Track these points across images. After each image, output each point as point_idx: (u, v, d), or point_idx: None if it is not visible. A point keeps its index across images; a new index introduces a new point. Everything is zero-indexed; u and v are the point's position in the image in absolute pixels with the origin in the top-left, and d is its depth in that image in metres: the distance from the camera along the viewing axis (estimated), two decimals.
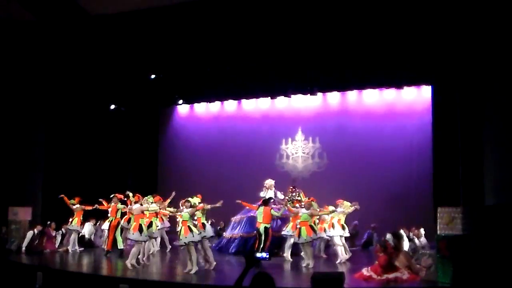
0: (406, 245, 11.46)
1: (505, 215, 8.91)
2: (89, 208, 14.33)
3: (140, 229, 11.00)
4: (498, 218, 8.86)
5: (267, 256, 4.54)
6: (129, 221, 12.22)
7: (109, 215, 13.58)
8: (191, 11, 13.70)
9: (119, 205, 13.21)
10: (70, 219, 14.23)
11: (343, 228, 12.54)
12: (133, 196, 11.93)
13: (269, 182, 14.14)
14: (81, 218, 14.35)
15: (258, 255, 4.53)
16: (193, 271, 10.24)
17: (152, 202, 11.95)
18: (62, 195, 14.16)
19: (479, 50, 11.99)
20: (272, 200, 13.51)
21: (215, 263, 10.94)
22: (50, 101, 16.98)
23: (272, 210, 12.22)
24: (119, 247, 13.18)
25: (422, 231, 13.21)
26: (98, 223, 15.49)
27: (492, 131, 11.65)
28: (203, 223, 11.61)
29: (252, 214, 14.09)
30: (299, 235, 11.50)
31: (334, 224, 12.40)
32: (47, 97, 16.92)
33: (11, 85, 16.33)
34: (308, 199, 12.81)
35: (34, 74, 16.45)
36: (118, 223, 13.14)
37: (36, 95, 16.74)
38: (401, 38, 13.54)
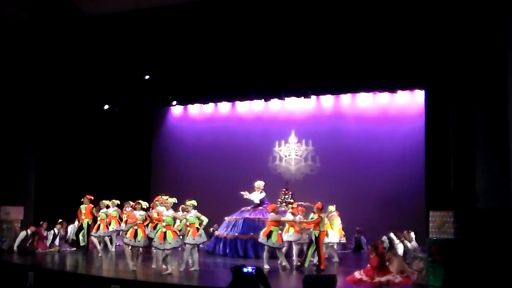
0: (400, 249, 11.50)
1: (496, 219, 8.98)
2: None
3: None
4: (489, 222, 8.92)
5: (254, 271, 4.56)
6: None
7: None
8: (186, 13, 13.71)
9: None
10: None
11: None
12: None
13: (259, 183, 14.03)
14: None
15: (245, 270, 4.52)
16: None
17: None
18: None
19: (472, 56, 12.07)
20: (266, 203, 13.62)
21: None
22: (43, 100, 16.87)
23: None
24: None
25: (412, 234, 13.23)
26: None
27: (484, 136, 11.72)
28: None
29: (247, 216, 13.98)
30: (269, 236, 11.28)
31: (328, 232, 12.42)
32: (40, 97, 16.82)
33: (4, 83, 16.25)
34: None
35: (27, 73, 16.36)
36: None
37: (29, 94, 16.64)
38: (395, 42, 13.62)
